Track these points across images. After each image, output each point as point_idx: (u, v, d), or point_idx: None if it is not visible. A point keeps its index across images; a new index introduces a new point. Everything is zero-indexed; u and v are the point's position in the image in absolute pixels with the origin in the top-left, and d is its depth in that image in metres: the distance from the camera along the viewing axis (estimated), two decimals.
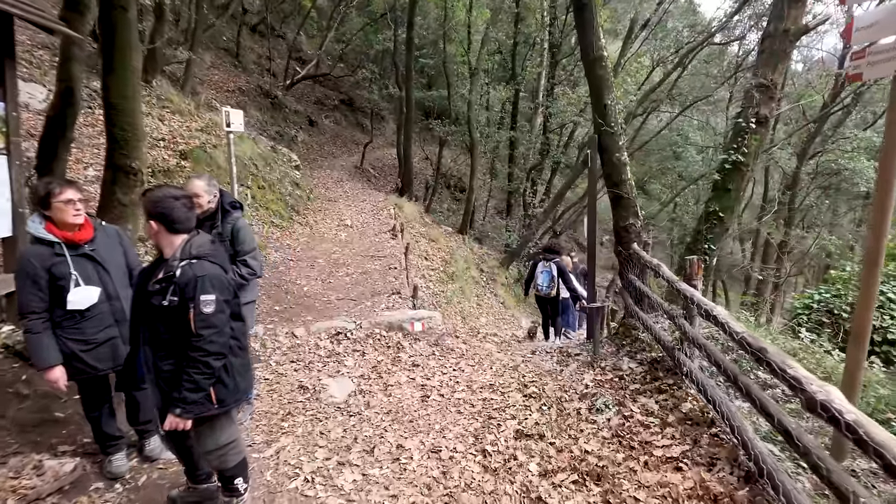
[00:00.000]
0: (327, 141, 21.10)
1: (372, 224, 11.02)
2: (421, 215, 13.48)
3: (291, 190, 11.23)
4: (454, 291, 10.10)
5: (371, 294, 6.97)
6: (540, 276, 7.44)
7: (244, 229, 3.73)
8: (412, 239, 11.16)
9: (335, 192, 13.90)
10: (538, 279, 7.47)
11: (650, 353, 4.85)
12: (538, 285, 7.45)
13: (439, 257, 11.19)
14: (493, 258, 13.41)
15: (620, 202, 5.95)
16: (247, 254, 3.69)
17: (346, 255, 8.84)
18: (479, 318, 10.11)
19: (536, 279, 7.50)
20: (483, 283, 12.18)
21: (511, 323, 10.92)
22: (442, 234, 12.45)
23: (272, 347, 5.22)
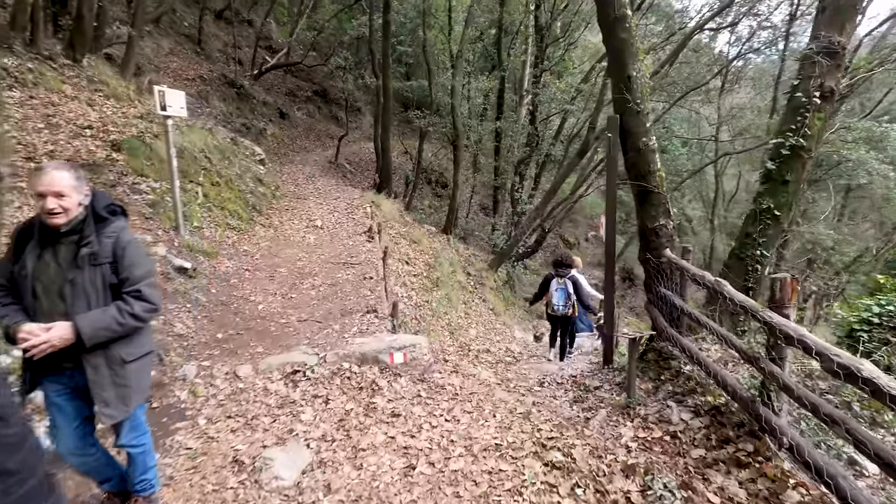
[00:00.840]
0: (300, 134, 19.60)
1: (345, 225, 9.67)
2: (401, 214, 12.18)
3: (253, 187, 9.81)
4: (440, 300, 8.84)
5: (341, 313, 5.65)
6: (555, 295, 6.63)
7: (132, 245, 2.38)
8: (391, 241, 9.85)
9: (306, 188, 12.48)
10: (552, 298, 6.66)
11: (705, 398, 3.66)
12: (553, 305, 6.67)
13: (422, 261, 9.91)
14: (481, 260, 12.19)
15: (648, 198, 4.76)
16: (140, 281, 2.35)
17: (313, 263, 7.49)
18: (468, 329, 8.87)
19: (550, 298, 6.69)
20: (471, 288, 10.94)
21: (503, 334, 9.72)
22: (424, 235, 11.17)
23: (205, 396, 3.89)
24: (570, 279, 6.59)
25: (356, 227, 9.46)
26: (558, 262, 6.84)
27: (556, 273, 6.69)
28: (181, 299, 5.28)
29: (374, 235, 8.80)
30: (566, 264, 6.74)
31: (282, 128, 19.13)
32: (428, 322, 7.53)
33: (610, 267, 5.14)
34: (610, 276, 5.15)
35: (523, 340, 9.70)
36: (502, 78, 14.49)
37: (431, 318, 7.83)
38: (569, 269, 6.72)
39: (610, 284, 5.17)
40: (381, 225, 9.13)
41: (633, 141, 4.72)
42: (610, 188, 4.97)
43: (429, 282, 9.33)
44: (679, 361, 4.30)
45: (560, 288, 6.60)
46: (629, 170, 4.86)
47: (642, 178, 4.72)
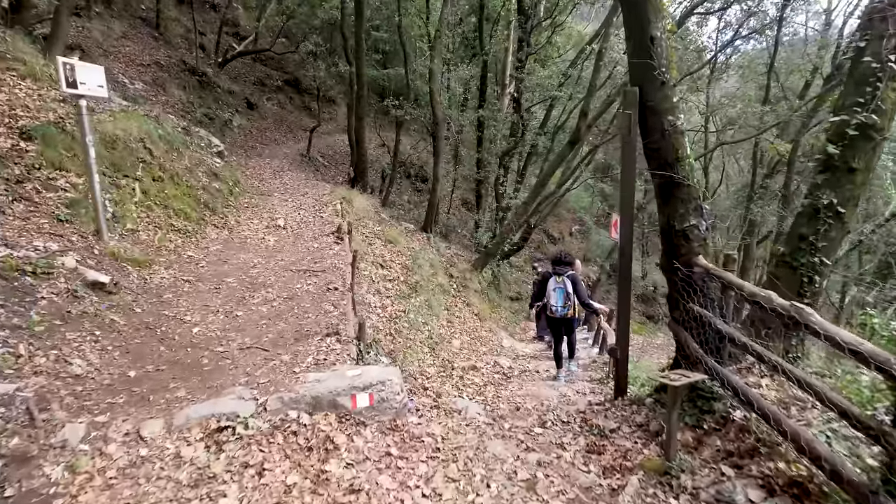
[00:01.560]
0: (270, 126, 18.27)
1: (312, 224, 8.52)
2: (376, 210, 11.05)
3: (207, 182, 8.58)
4: (418, 309, 7.78)
5: (294, 337, 4.55)
6: (553, 295, 6.10)
7: None
8: (363, 242, 8.74)
9: (271, 183, 11.27)
10: (550, 299, 6.13)
11: (775, 464, 2.67)
12: (551, 306, 6.13)
13: (399, 263, 8.83)
14: (464, 259, 11.15)
15: (675, 192, 3.76)
16: None
17: (270, 270, 6.35)
18: (451, 341, 7.84)
19: (549, 299, 6.15)
20: (453, 291, 9.90)
21: (490, 343, 8.71)
22: (402, 234, 10.08)
23: (88, 473, 2.77)
24: (569, 277, 6.03)
25: (324, 227, 8.32)
26: (557, 259, 6.28)
27: (554, 271, 6.16)
28: (89, 325, 4.12)
29: (344, 236, 7.69)
30: (566, 262, 6.21)
31: (250, 119, 17.78)
32: (404, 337, 6.46)
33: (626, 277, 4.14)
34: (626, 287, 4.16)
35: (512, 349, 8.71)
36: (484, 63, 13.39)
37: (409, 331, 6.77)
38: (568, 266, 6.17)
39: (625, 297, 4.18)
40: (351, 224, 8.01)
41: (656, 120, 3.72)
42: (627, 179, 3.96)
43: (406, 287, 8.26)
44: (724, 403, 3.33)
45: (558, 287, 6.05)
46: (650, 157, 3.86)
47: (668, 166, 3.72)
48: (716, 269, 3.40)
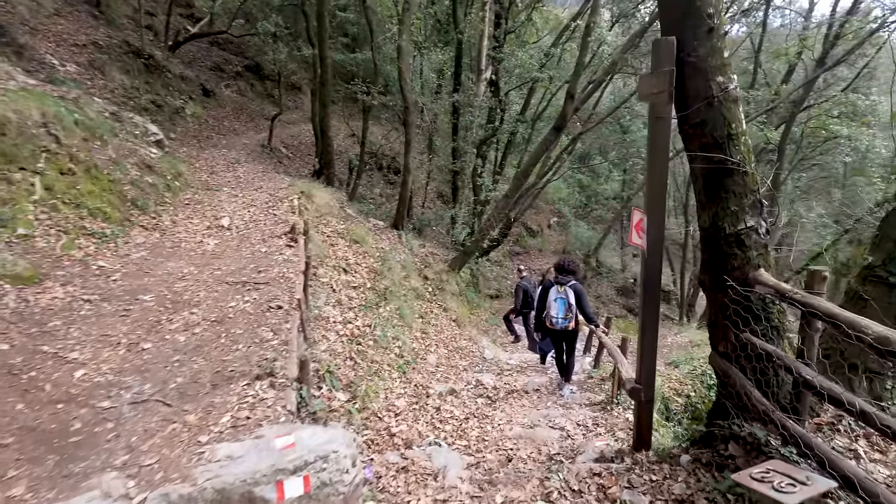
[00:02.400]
0: (228, 115, 16.72)
1: (262, 223, 7.28)
2: (342, 206, 9.83)
3: (138, 176, 7.24)
4: (388, 320, 6.66)
5: (213, 382, 3.38)
6: (553, 306, 5.64)
7: None
8: (324, 242, 7.54)
9: (222, 177, 9.92)
10: (551, 310, 5.66)
11: None
12: (552, 317, 5.67)
13: (365, 266, 7.66)
14: (440, 258, 10.04)
15: (726, 182, 2.72)
16: None
17: (201, 283, 5.12)
18: (426, 356, 6.74)
19: (549, 309, 5.68)
20: (429, 295, 8.79)
21: (470, 354, 7.65)
22: (370, 232, 8.89)
23: None
24: (572, 288, 5.61)
25: (276, 227, 7.09)
26: (561, 267, 5.82)
27: (556, 280, 5.72)
28: None
29: (299, 237, 6.48)
30: (569, 270, 5.75)
31: (206, 107, 16.20)
32: (369, 360, 5.33)
33: (653, 296, 3.10)
34: (652, 310, 3.11)
35: (495, 361, 7.67)
36: (459, 44, 12.21)
37: (375, 350, 5.63)
38: (572, 276, 5.73)
39: (651, 322, 3.13)
40: (308, 223, 6.81)
41: (699, 82, 2.66)
42: (658, 167, 2.89)
43: (374, 294, 7.11)
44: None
45: (559, 297, 5.61)
46: (690, 134, 2.80)
47: (716, 146, 2.67)
48: (795, 292, 2.37)
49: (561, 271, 5.74)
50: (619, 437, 4.16)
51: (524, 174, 8.85)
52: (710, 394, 7.62)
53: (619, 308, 21.49)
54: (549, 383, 6.39)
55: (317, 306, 5.81)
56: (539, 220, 25.39)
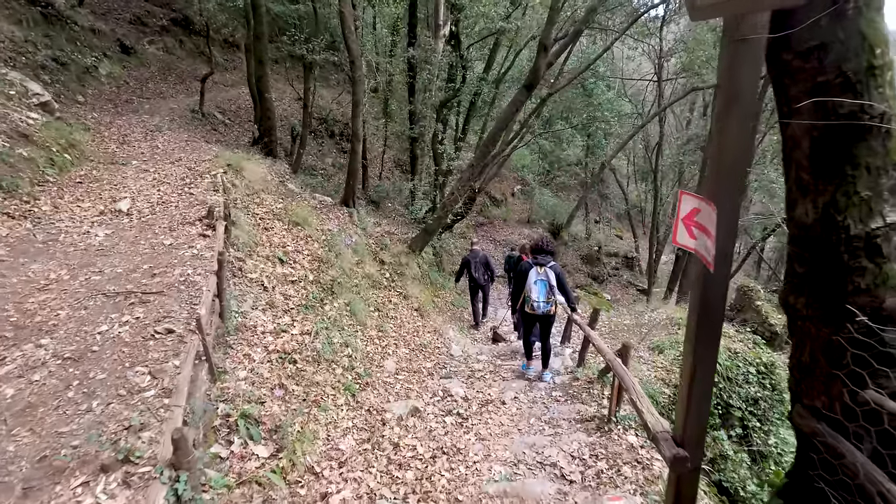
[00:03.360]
0: (154, 76, 14.58)
1: (174, 206, 5.82)
2: (282, 180, 8.37)
3: (7, 149, 5.59)
4: (334, 322, 5.44)
5: (25, 482, 2.10)
6: (534, 289, 5.17)
7: None
8: (257, 226, 6.17)
9: (135, 148, 8.24)
10: (531, 293, 5.18)
11: None
12: (532, 301, 5.19)
13: (308, 254, 6.34)
14: (398, 238, 8.77)
15: (859, 148, 1.56)
16: None
17: (67, 296, 3.73)
18: (383, 362, 5.59)
19: (529, 292, 5.19)
20: (386, 282, 7.57)
21: (436, 353, 6.56)
22: (314, 211, 7.52)
23: None
24: (553, 269, 5.23)
25: (190, 211, 5.66)
26: (539, 247, 5.33)
27: (535, 261, 5.24)
28: None
29: (217, 224, 5.10)
30: (548, 250, 5.29)
31: (125, 66, 13.97)
32: (306, 386, 4.12)
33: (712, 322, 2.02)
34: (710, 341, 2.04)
35: (464, 357, 6.62)
36: None
37: (316, 369, 4.42)
38: (550, 256, 5.27)
39: (709, 360, 2.07)
40: (232, 204, 5.42)
41: None
42: (736, 119, 1.75)
43: (318, 289, 5.84)
44: None
45: (540, 280, 5.15)
46: (796, 69, 1.65)
47: (845, 87, 1.55)
48: None
49: (539, 252, 5.26)
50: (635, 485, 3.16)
51: (491, 140, 7.63)
52: None
53: (584, 277, 20.97)
54: (527, 388, 5.40)
55: (240, 312, 4.52)
56: (503, 188, 24.32)
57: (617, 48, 19.02)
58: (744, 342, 7.60)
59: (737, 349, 7.34)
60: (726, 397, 6.91)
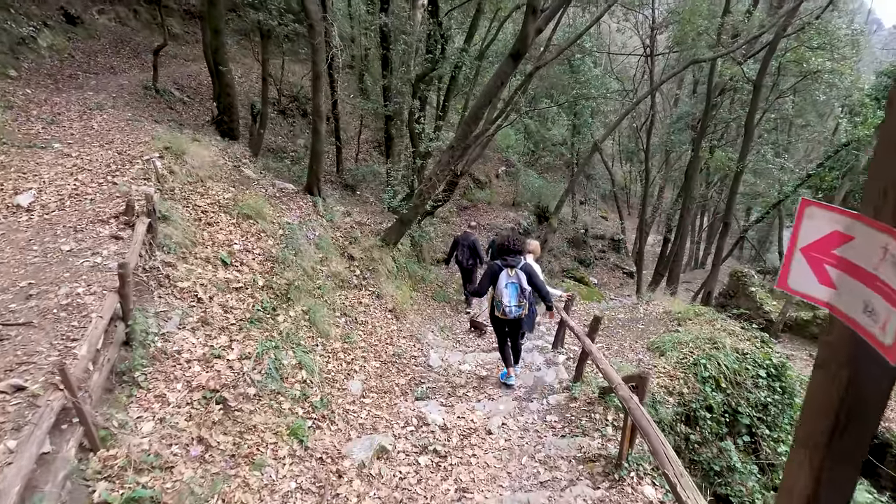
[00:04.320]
0: (104, 49, 13.14)
1: (91, 198, 4.76)
2: (237, 165, 7.28)
3: None
4: (286, 337, 4.49)
5: None
6: (505, 294, 4.62)
7: None
8: (198, 222, 5.14)
9: (64, 129, 7.07)
10: (502, 297, 4.64)
11: None
12: (504, 306, 4.65)
13: (260, 254, 5.35)
14: (370, 229, 7.78)
15: None
16: None
17: None
18: (346, 383, 4.67)
19: (500, 297, 4.64)
20: (356, 280, 6.62)
21: (411, 365, 5.67)
22: (270, 201, 6.48)
23: None
24: (524, 269, 4.73)
25: (109, 205, 4.60)
26: (504, 247, 4.81)
27: (504, 263, 4.71)
28: None
29: (138, 222, 4.07)
30: (516, 250, 4.77)
31: (71, 38, 12.48)
32: (238, 433, 3.18)
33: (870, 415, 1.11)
34: (856, 438, 1.13)
35: (444, 368, 5.74)
36: None
37: (255, 406, 3.49)
38: (519, 255, 4.78)
39: (852, 456, 1.17)
40: (155, 197, 4.38)
41: None
42: None
43: (270, 296, 4.87)
44: None
45: (511, 283, 4.66)
46: None
47: None
48: None
49: (507, 252, 4.72)
50: None
51: (473, 118, 6.63)
52: (705, 388, 6.11)
53: (570, 260, 20.22)
54: (516, 410, 4.56)
55: (160, 335, 3.54)
56: (487, 170, 23.24)
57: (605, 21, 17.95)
58: (751, 340, 6.85)
59: (744, 349, 6.58)
60: (734, 404, 6.18)
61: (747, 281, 12.38)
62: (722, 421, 6.14)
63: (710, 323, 7.41)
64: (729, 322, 7.37)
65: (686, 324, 7.67)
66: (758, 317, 11.87)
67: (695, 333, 6.87)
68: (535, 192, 21.52)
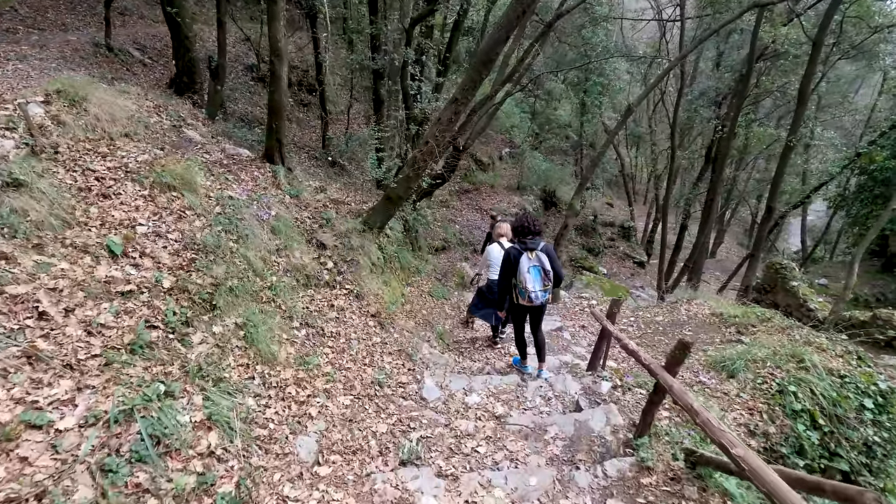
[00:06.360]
0: (56, 4, 11.32)
1: None
2: (176, 125, 5.48)
3: None
4: (196, 374, 2.76)
5: None
6: (529, 278, 4.01)
7: None
8: (77, 194, 3.37)
9: None
10: (527, 282, 4.01)
11: None
12: (530, 292, 4.03)
13: (177, 239, 3.59)
14: (351, 210, 6.02)
15: None
16: None
17: None
18: (295, 439, 2.95)
19: (524, 282, 4.02)
20: (328, 276, 4.88)
21: (399, 393, 3.97)
22: (209, 169, 4.71)
23: None
24: (544, 251, 4.06)
25: None
26: (525, 228, 4.16)
27: (523, 246, 4.08)
28: None
29: None
30: (536, 231, 4.15)
31: None
32: None
33: None
34: None
35: (443, 401, 4.03)
36: None
37: None
38: (539, 237, 4.13)
39: None
40: None
41: None
42: None
43: (183, 303, 3.14)
44: None
45: (534, 266, 4.02)
46: None
47: None
48: None
49: (526, 234, 4.14)
50: None
51: (484, 61, 4.81)
52: (797, 426, 4.43)
53: (578, 249, 18.50)
54: (556, 486, 2.86)
55: None
56: (489, 150, 21.34)
57: None
58: (843, 357, 5.14)
59: (839, 369, 4.88)
60: (833, 445, 4.50)
61: (787, 274, 10.67)
62: (816, 468, 4.48)
63: (782, 332, 5.71)
64: (811, 332, 5.64)
65: (749, 331, 5.98)
66: (801, 315, 10.18)
67: (769, 346, 5.18)
68: (542, 175, 19.66)
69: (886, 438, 4.74)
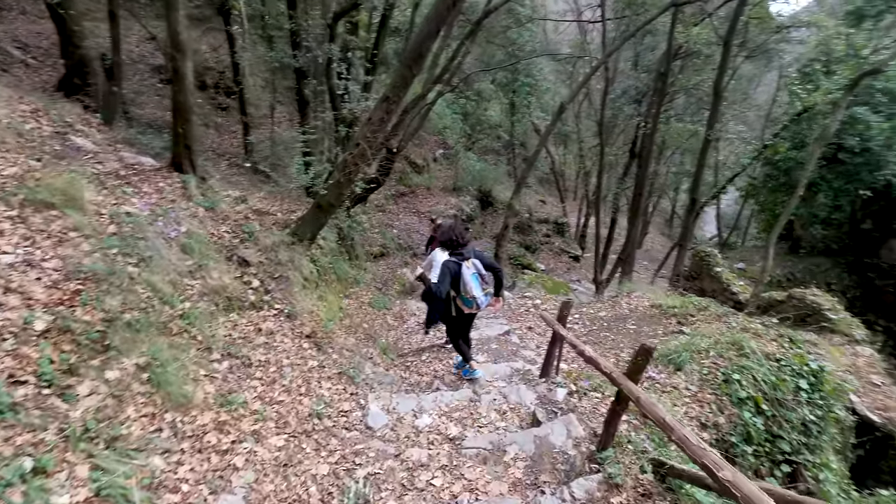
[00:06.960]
0: None
1: None
2: (60, 131, 4.68)
3: None
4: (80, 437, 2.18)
5: None
6: (471, 285, 4.02)
7: None
8: None
9: None
10: (470, 289, 4.02)
11: None
12: (477, 299, 4.06)
13: (56, 268, 2.95)
14: (277, 222, 5.46)
15: None
16: None
17: None
18: (215, 501, 2.46)
19: (469, 291, 4.02)
20: (254, 297, 4.33)
21: (339, 423, 3.53)
22: (100, 181, 4.02)
23: None
24: (476, 256, 4.17)
25: None
26: (453, 242, 4.14)
27: (456, 255, 4.10)
28: None
29: None
30: (464, 242, 4.16)
31: None
32: None
33: None
34: None
35: (391, 426, 3.65)
36: None
37: None
38: (467, 245, 4.19)
39: None
40: None
41: None
42: None
43: (64, 350, 2.53)
44: None
45: (473, 274, 4.06)
46: None
47: None
48: None
49: (455, 246, 4.12)
50: None
51: (414, 57, 4.47)
52: (743, 414, 4.49)
53: (515, 246, 18.66)
54: None
55: None
56: (423, 152, 21.05)
57: None
58: (776, 340, 5.31)
59: (775, 353, 5.03)
60: (776, 428, 4.61)
61: (711, 261, 11.28)
62: (762, 453, 4.57)
63: (719, 319, 5.86)
64: (745, 318, 5.82)
65: (689, 321, 6.10)
66: (725, 299, 10.76)
67: (709, 336, 5.27)
68: (477, 175, 19.68)
69: (819, 416, 4.94)
